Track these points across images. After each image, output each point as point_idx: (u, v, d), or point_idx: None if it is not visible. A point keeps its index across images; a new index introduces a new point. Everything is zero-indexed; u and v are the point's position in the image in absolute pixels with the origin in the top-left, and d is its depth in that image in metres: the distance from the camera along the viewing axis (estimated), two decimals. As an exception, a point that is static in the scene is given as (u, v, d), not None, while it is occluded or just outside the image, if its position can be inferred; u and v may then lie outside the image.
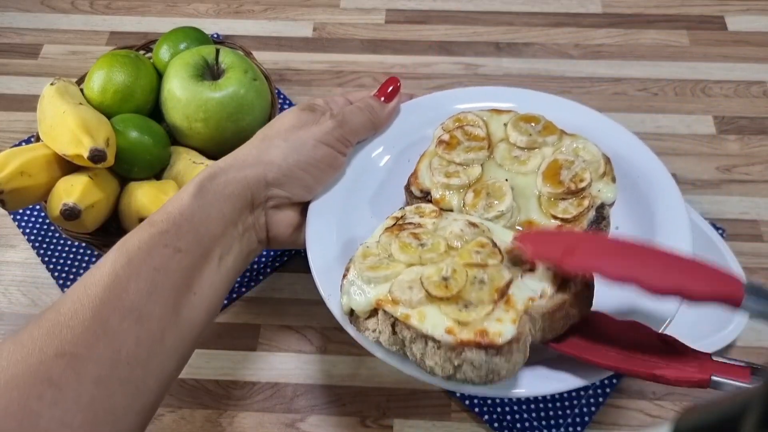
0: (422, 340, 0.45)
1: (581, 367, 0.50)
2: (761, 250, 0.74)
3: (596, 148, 0.59)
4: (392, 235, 0.52)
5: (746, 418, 0.26)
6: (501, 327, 0.44)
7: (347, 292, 0.49)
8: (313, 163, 0.56)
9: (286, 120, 0.57)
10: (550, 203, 0.56)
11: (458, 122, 0.62)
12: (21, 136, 0.86)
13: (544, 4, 0.99)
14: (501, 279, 0.47)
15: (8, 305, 0.73)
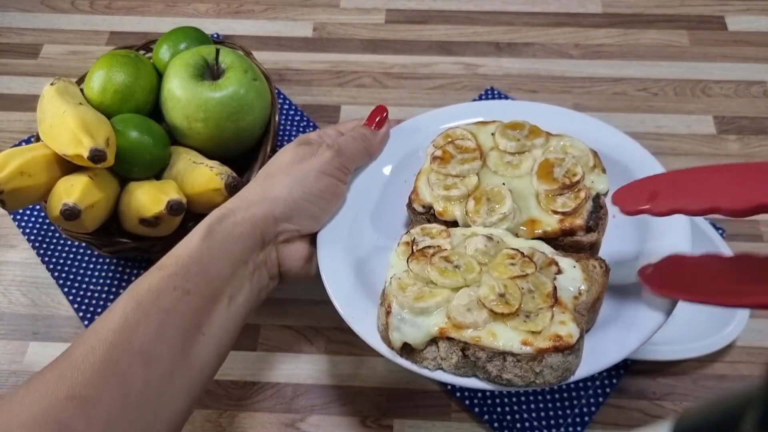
0: (500, 357, 0.47)
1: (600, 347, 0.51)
2: (761, 250, 0.74)
3: (583, 144, 0.61)
4: (420, 262, 0.52)
5: (746, 418, 0.26)
6: (568, 328, 0.47)
7: (397, 329, 0.50)
8: (318, 193, 0.57)
9: (286, 156, 0.58)
10: (548, 200, 0.57)
11: (448, 138, 0.63)
12: (21, 136, 0.86)
13: (544, 4, 0.99)
14: (545, 285, 0.50)
15: (8, 305, 0.73)
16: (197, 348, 0.49)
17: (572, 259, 0.53)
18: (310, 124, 0.85)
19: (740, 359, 0.68)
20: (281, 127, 0.85)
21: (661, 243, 0.57)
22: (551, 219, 0.57)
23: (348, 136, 0.61)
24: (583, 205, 0.57)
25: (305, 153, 0.58)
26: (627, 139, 0.64)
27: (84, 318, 0.71)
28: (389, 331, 0.50)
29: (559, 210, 0.57)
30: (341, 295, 0.56)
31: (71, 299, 0.73)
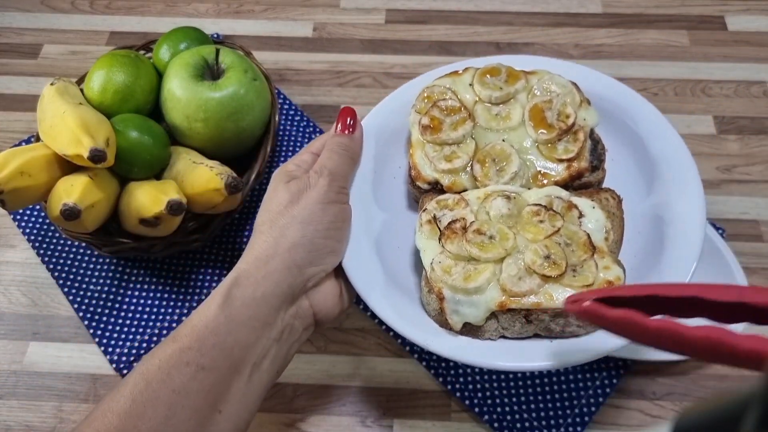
0: (562, 314, 0.50)
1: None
2: (761, 250, 0.74)
3: (562, 78, 0.61)
4: (455, 240, 0.52)
5: (746, 418, 0.26)
6: (613, 271, 0.50)
7: (455, 312, 0.51)
8: (329, 226, 0.53)
9: (279, 197, 0.54)
10: (549, 148, 0.58)
11: (429, 99, 0.62)
12: (21, 136, 0.86)
13: (544, 4, 0.99)
14: (578, 234, 0.52)
15: (8, 305, 0.73)
16: (213, 427, 0.46)
17: (587, 198, 0.55)
18: (310, 124, 0.85)
19: (740, 359, 0.68)
20: (281, 127, 0.85)
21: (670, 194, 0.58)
22: (558, 167, 0.58)
23: (330, 153, 0.57)
24: (584, 146, 0.58)
25: (298, 188, 0.54)
26: (606, 78, 0.65)
27: (84, 318, 0.71)
28: (447, 315, 0.51)
29: (564, 157, 0.58)
30: (395, 316, 0.54)
31: (71, 299, 0.73)
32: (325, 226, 0.53)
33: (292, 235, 0.51)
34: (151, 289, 0.73)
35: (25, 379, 0.68)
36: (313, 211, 0.53)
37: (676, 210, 0.57)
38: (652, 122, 0.62)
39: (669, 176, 0.59)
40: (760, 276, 0.72)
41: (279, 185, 0.55)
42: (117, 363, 0.68)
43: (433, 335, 0.53)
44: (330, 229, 0.53)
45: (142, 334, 0.70)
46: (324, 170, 0.55)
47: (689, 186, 0.58)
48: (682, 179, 0.58)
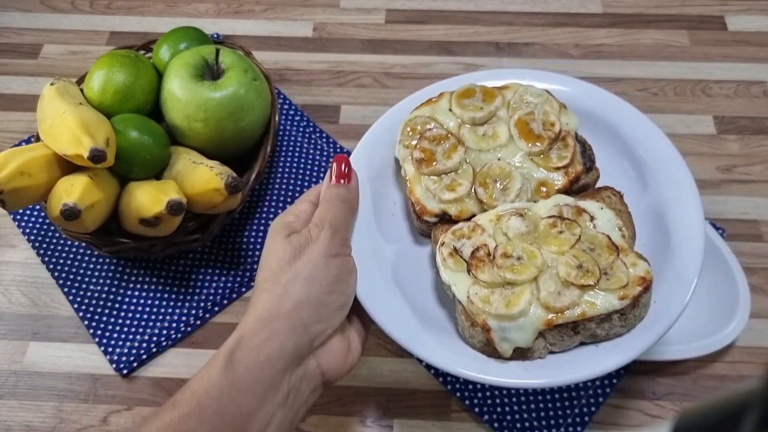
0: (607, 319, 0.51)
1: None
2: (761, 250, 0.74)
3: (535, 87, 0.63)
4: (484, 269, 0.52)
5: (746, 418, 0.26)
6: (641, 266, 0.52)
7: (504, 340, 0.51)
8: (335, 281, 0.51)
9: (281, 253, 0.51)
10: (544, 159, 0.59)
11: (413, 132, 0.61)
12: (21, 136, 0.86)
13: (544, 4, 0.99)
14: (599, 238, 0.53)
15: (8, 305, 0.73)
16: None
17: (591, 200, 0.56)
18: (310, 124, 0.85)
19: (740, 359, 0.68)
20: (281, 127, 0.85)
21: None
22: (556, 175, 0.58)
23: (328, 204, 0.55)
24: (575, 150, 0.59)
25: (300, 243, 0.51)
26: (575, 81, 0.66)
27: (84, 318, 0.71)
28: (496, 344, 0.51)
29: (559, 165, 0.58)
30: (437, 354, 0.53)
31: (71, 299, 0.73)
32: (331, 282, 0.50)
33: (297, 292, 0.49)
34: (151, 289, 0.73)
35: (25, 379, 0.68)
36: (317, 266, 0.50)
37: (672, 205, 0.58)
38: (633, 123, 0.63)
39: (659, 172, 0.60)
40: (760, 276, 0.72)
41: (279, 239, 0.52)
42: (117, 363, 0.68)
43: (491, 367, 0.52)
44: (335, 284, 0.51)
45: (142, 334, 0.70)
46: (324, 223, 0.53)
47: (681, 182, 0.59)
48: (672, 177, 0.60)
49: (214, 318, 0.72)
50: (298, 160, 0.83)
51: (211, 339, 0.71)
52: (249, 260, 0.75)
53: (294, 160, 0.83)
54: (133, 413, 0.66)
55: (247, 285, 0.74)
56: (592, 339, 0.53)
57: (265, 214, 0.79)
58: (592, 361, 0.52)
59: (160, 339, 0.70)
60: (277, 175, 0.81)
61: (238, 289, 0.74)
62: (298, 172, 0.82)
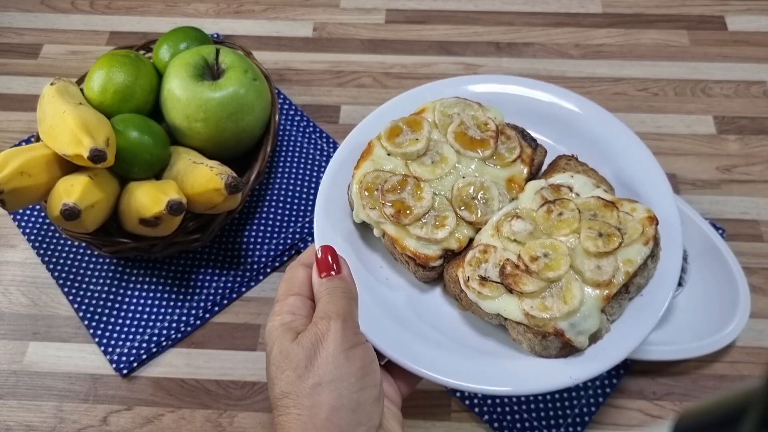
0: (644, 266, 0.54)
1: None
2: (761, 250, 0.74)
3: (447, 98, 0.64)
4: (523, 280, 0.52)
5: (746, 418, 0.26)
6: (639, 209, 0.55)
7: (579, 333, 0.51)
8: (362, 374, 0.45)
9: (294, 359, 0.45)
10: (498, 158, 0.60)
11: (370, 192, 0.58)
12: (21, 136, 0.86)
13: (544, 4, 0.99)
14: (592, 202, 0.55)
15: (8, 305, 0.73)
16: None
17: (557, 173, 0.59)
18: (310, 124, 0.85)
19: (740, 359, 0.68)
20: (281, 127, 0.85)
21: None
22: (518, 168, 0.60)
23: (328, 297, 0.49)
24: (519, 140, 0.61)
25: (310, 342, 0.46)
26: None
27: (84, 318, 0.71)
28: (574, 342, 0.51)
29: (513, 158, 0.60)
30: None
31: (71, 299, 0.73)
32: (358, 377, 0.45)
33: (327, 399, 0.44)
34: (151, 289, 0.73)
35: (25, 379, 0.68)
36: (339, 364, 0.45)
37: (633, 172, 0.62)
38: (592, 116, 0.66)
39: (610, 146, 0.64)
40: (760, 276, 0.72)
41: (286, 344, 0.46)
42: (117, 363, 0.68)
43: (574, 368, 0.52)
44: (363, 378, 0.46)
45: (142, 334, 0.70)
46: (331, 314, 0.47)
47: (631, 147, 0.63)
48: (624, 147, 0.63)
49: (214, 318, 0.72)
50: (298, 160, 0.83)
51: (211, 339, 0.71)
52: (249, 260, 0.75)
53: (294, 160, 0.83)
54: (133, 413, 0.66)
55: (247, 285, 0.74)
56: (637, 291, 0.54)
57: (265, 214, 0.79)
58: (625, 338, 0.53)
59: (160, 339, 0.70)
60: (277, 175, 0.81)
61: (238, 289, 0.74)
62: (298, 172, 0.82)
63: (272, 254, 0.75)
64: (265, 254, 0.75)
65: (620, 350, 0.52)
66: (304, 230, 0.77)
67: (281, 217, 0.78)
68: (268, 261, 0.75)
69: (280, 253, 0.76)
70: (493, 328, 0.56)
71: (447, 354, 0.54)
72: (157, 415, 0.66)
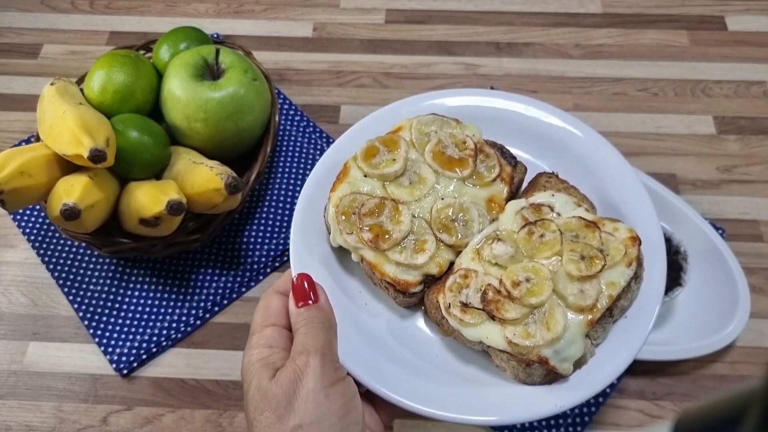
0: (627, 288, 0.52)
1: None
2: (761, 250, 0.74)
3: (423, 116, 0.62)
4: (504, 307, 0.51)
5: (746, 418, 0.26)
6: (621, 228, 0.54)
7: (564, 360, 0.50)
8: (343, 413, 0.45)
9: (273, 402, 0.44)
10: (477, 178, 0.59)
11: (347, 216, 0.56)
12: (21, 136, 0.86)
13: (544, 4, 0.99)
14: (573, 222, 0.54)
15: (8, 305, 0.73)
16: None
17: (538, 192, 0.58)
18: (310, 124, 0.85)
19: (740, 359, 0.68)
20: (281, 127, 0.85)
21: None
22: (498, 187, 0.59)
23: (306, 329, 0.48)
24: (497, 156, 0.60)
25: (288, 379, 0.44)
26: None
27: (84, 318, 0.71)
28: (558, 369, 0.50)
29: (493, 177, 0.59)
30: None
31: (71, 299, 0.73)
32: (340, 416, 0.44)
33: None
34: (151, 289, 0.73)
35: (25, 379, 0.68)
36: (319, 403, 0.44)
37: (610, 179, 0.61)
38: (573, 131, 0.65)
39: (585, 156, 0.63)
40: (760, 276, 0.72)
41: (264, 382, 0.45)
42: (117, 363, 0.68)
43: (559, 395, 0.51)
44: (345, 416, 0.45)
45: (142, 334, 0.70)
46: (309, 348, 0.46)
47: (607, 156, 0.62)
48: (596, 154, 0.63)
49: (214, 318, 0.72)
50: (298, 161, 0.83)
51: (211, 339, 0.71)
52: (249, 260, 0.75)
53: (294, 160, 0.83)
54: (133, 413, 0.66)
55: (247, 285, 0.74)
56: (620, 314, 0.53)
57: (265, 214, 0.79)
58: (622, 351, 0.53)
59: (160, 339, 0.70)
60: (277, 175, 0.81)
61: (238, 289, 0.74)
62: (298, 172, 0.82)
63: (272, 254, 0.75)
64: (265, 254, 0.75)
65: (606, 375, 0.51)
66: (304, 230, 0.77)
67: (281, 217, 0.78)
68: (268, 261, 0.75)
69: (280, 253, 0.76)
70: (476, 354, 0.55)
71: (429, 382, 0.53)
72: (157, 415, 0.66)
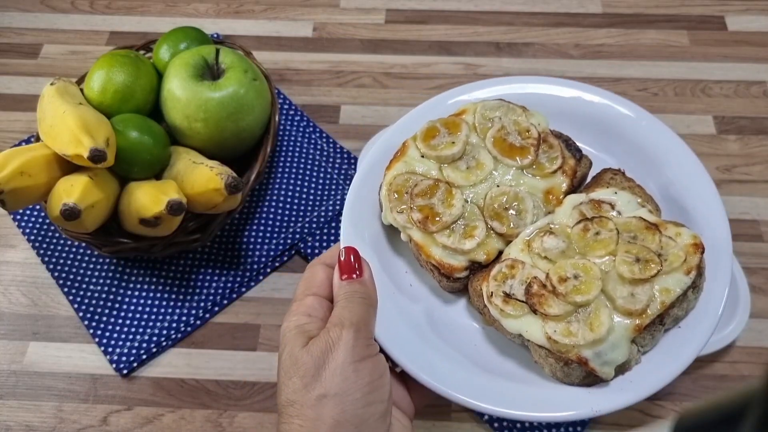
0: (683, 297, 0.50)
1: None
2: (761, 250, 0.74)
3: (489, 101, 0.60)
4: (549, 302, 0.49)
5: (746, 418, 0.26)
6: (685, 234, 0.51)
7: (605, 364, 0.48)
8: (369, 388, 0.44)
9: (302, 366, 0.44)
10: (537, 168, 0.57)
11: (399, 195, 0.56)
12: (21, 136, 0.86)
13: (544, 4, 0.99)
14: (634, 223, 0.52)
15: (8, 305, 0.73)
16: None
17: (601, 188, 0.55)
18: (310, 124, 0.85)
19: (740, 359, 0.68)
20: (281, 127, 0.85)
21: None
22: (558, 179, 0.56)
23: (346, 302, 0.48)
24: (561, 147, 0.58)
25: (320, 350, 0.44)
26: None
27: (84, 318, 0.71)
28: (598, 372, 0.48)
29: (554, 168, 0.56)
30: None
31: (71, 299, 0.73)
32: (365, 392, 0.44)
33: (330, 413, 0.42)
34: (151, 289, 0.73)
35: (25, 379, 0.68)
36: (346, 376, 0.44)
37: (682, 184, 0.58)
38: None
39: (661, 157, 0.60)
40: (760, 276, 0.72)
41: (296, 349, 0.45)
42: (117, 363, 0.68)
43: (597, 399, 0.50)
44: (371, 393, 0.44)
45: (142, 334, 0.70)
46: (345, 321, 0.46)
47: (681, 159, 0.59)
48: (676, 160, 0.59)
49: (214, 318, 0.72)
50: (298, 160, 0.83)
51: (211, 339, 0.71)
52: (249, 260, 0.75)
53: (294, 160, 0.83)
54: (133, 413, 0.66)
55: (247, 285, 0.74)
56: (674, 323, 0.51)
57: (265, 214, 0.79)
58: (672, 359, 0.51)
59: (160, 339, 0.70)
60: (277, 175, 0.81)
61: (238, 289, 0.74)
62: (298, 172, 0.82)
63: (272, 254, 0.75)
64: (265, 254, 0.75)
65: (649, 384, 0.49)
66: (304, 230, 0.77)
67: (281, 217, 0.78)
68: (268, 261, 0.75)
69: (280, 253, 0.76)
70: (515, 347, 0.54)
71: (465, 371, 0.52)
72: (157, 415, 0.66)
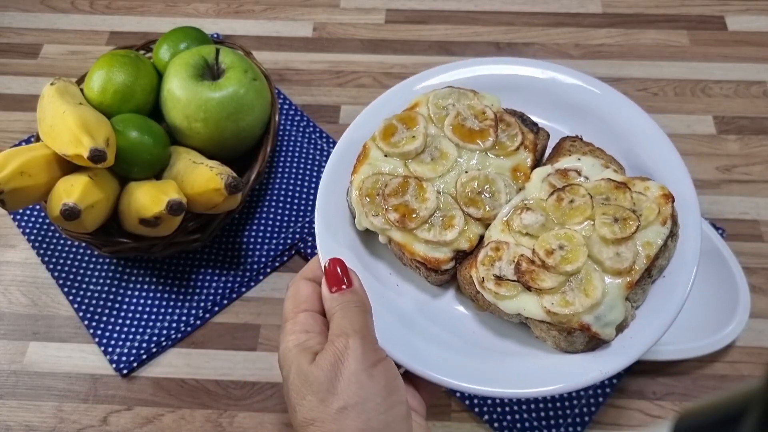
0: (664, 247, 0.51)
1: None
2: (761, 250, 0.74)
3: (439, 90, 0.61)
4: (540, 276, 0.50)
5: (746, 418, 0.26)
6: (653, 187, 0.53)
7: (605, 325, 0.49)
8: (387, 393, 0.44)
9: (314, 382, 0.43)
10: (499, 148, 0.57)
11: (371, 197, 0.56)
12: (21, 136, 0.86)
13: (544, 4, 0.99)
14: (603, 185, 0.53)
15: (8, 305, 0.73)
16: None
17: (563, 157, 0.57)
18: (310, 124, 0.85)
19: (740, 359, 0.68)
20: (281, 127, 0.85)
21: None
22: (522, 156, 0.57)
23: (342, 312, 0.47)
24: (518, 124, 0.59)
25: (330, 362, 0.44)
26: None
27: (84, 318, 0.71)
28: (600, 335, 0.49)
29: (516, 145, 0.58)
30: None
31: (71, 299, 0.73)
32: (383, 395, 0.44)
33: (354, 423, 0.42)
34: (151, 289, 0.73)
35: (25, 379, 0.68)
36: (362, 383, 0.43)
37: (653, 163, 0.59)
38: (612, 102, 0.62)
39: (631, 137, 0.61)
40: (760, 276, 0.72)
41: (304, 366, 0.44)
42: (117, 363, 0.68)
43: (603, 361, 0.51)
44: (389, 396, 0.44)
45: (142, 334, 0.70)
46: (348, 331, 0.46)
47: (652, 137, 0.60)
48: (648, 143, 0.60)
49: (214, 318, 0.72)
50: (298, 160, 0.83)
51: (211, 339, 0.71)
52: (249, 260, 0.75)
53: (294, 160, 0.83)
54: (133, 413, 0.66)
55: (247, 285, 0.74)
56: (659, 273, 0.53)
57: (265, 214, 0.79)
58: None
59: (160, 339, 0.70)
60: (277, 175, 0.81)
61: (238, 289, 0.74)
62: (298, 172, 0.82)
63: (272, 254, 0.75)
64: (265, 254, 0.75)
65: (649, 336, 0.50)
66: (304, 230, 0.77)
67: (281, 217, 0.78)
68: (268, 261, 0.75)
69: (280, 253, 0.76)
70: (513, 326, 0.54)
71: (469, 359, 0.52)
72: (157, 415, 0.66)
